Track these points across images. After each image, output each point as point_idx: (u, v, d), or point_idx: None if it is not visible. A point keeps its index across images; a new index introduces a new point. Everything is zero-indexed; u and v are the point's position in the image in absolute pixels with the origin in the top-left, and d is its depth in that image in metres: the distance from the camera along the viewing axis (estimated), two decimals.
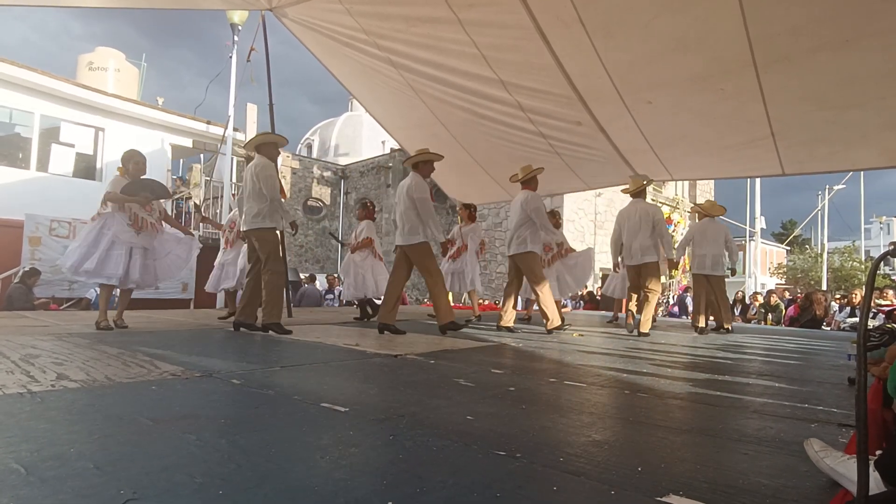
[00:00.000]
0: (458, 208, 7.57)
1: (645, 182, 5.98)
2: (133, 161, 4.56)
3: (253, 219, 4.37)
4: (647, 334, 5.33)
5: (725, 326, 6.43)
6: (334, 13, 5.49)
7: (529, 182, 5.44)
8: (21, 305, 7.47)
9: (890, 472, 1.11)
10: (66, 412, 1.76)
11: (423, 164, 4.91)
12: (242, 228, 4.59)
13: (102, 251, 4.29)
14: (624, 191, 6.15)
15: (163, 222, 4.80)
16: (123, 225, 4.39)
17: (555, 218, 7.00)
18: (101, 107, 11.43)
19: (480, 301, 7.73)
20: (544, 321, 5.16)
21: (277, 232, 4.57)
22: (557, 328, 5.16)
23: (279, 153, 4.79)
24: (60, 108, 10.99)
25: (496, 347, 4.03)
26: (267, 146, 4.54)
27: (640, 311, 5.61)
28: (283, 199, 4.56)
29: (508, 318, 5.40)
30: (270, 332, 4.30)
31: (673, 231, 18.84)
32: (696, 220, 6.88)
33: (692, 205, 15.02)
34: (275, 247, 4.44)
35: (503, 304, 5.59)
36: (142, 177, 4.63)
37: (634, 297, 5.91)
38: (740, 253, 24.72)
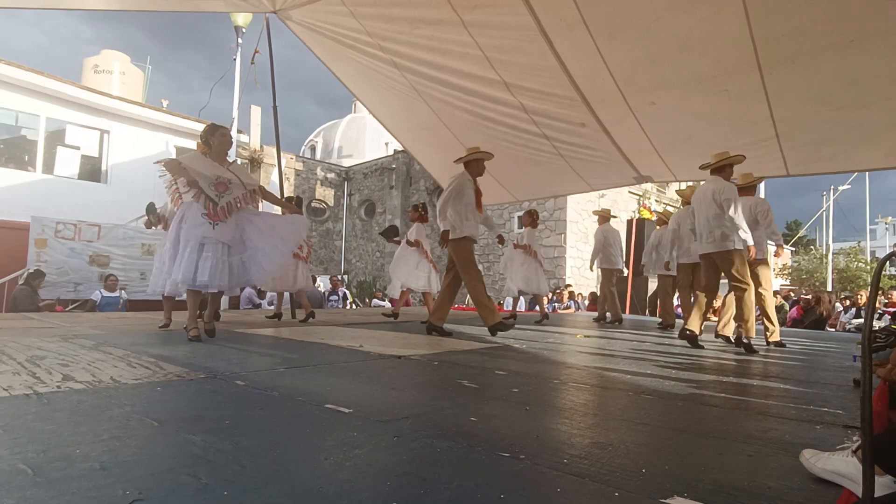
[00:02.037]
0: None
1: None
2: (219, 134, 3.82)
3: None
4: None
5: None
6: (338, 15, 5.51)
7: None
8: (26, 307, 7.51)
9: (886, 458, 1.11)
10: (71, 413, 1.77)
11: (475, 162, 4.90)
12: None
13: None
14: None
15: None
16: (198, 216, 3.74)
17: (531, 217, 6.99)
18: (106, 109, 11.51)
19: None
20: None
21: (471, 242, 4.76)
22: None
23: (483, 168, 5.02)
24: (66, 110, 11.06)
25: (499, 349, 4.02)
26: (478, 160, 4.89)
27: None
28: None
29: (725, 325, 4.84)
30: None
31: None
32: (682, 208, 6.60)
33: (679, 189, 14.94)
34: (467, 256, 4.67)
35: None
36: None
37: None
38: None
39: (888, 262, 1.12)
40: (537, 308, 7.95)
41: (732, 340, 4.77)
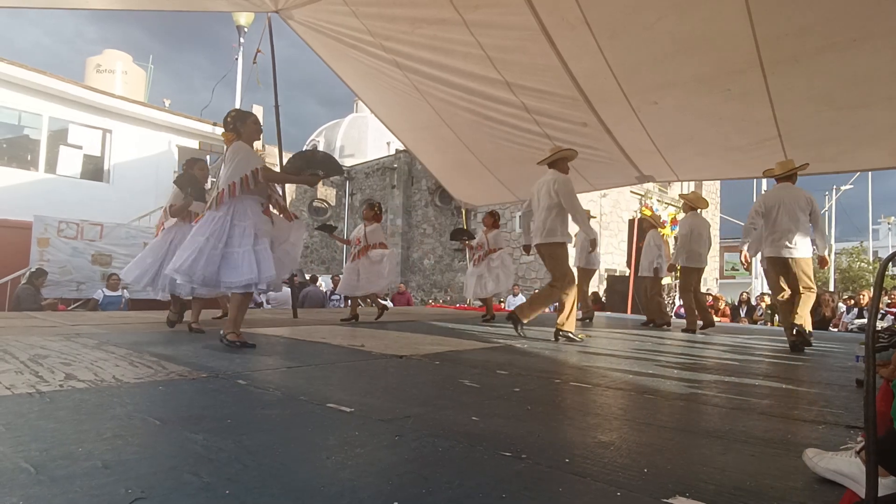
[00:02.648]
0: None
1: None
2: (252, 120, 3.62)
3: (546, 234, 4.55)
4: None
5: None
6: (340, 15, 5.51)
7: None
8: (29, 306, 7.52)
9: (889, 459, 1.10)
10: (74, 412, 1.77)
11: (561, 161, 4.79)
12: (535, 242, 4.68)
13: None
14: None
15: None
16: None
17: (493, 218, 6.91)
18: (108, 109, 11.52)
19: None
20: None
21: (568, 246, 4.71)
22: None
23: (567, 168, 4.89)
24: (68, 110, 11.08)
25: (501, 348, 4.02)
26: (562, 161, 4.74)
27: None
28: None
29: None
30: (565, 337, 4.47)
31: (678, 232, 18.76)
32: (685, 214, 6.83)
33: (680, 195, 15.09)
34: (562, 261, 4.62)
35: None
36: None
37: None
38: None
39: (891, 263, 1.11)
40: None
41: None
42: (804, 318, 4.51)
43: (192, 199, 4.39)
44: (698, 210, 6.67)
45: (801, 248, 4.61)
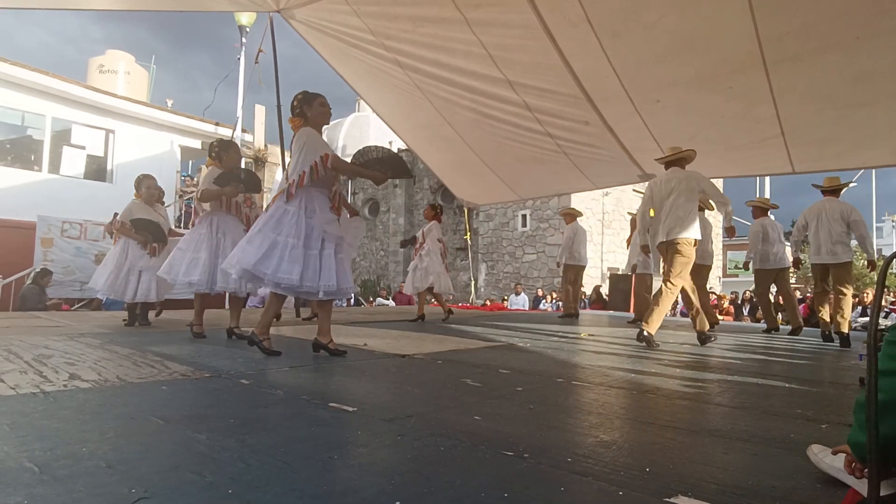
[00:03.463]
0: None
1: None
2: (319, 102, 3.36)
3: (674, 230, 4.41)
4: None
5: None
6: (341, 14, 5.51)
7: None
8: (33, 306, 7.56)
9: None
10: (78, 412, 1.78)
11: (682, 160, 4.76)
12: (661, 239, 4.52)
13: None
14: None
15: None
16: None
17: (434, 211, 6.65)
18: (111, 109, 11.56)
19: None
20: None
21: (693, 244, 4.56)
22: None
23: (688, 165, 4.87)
24: (72, 110, 11.11)
25: (503, 348, 4.02)
26: (683, 162, 4.76)
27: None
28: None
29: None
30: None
31: None
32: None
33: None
34: (690, 260, 4.46)
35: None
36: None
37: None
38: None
39: (894, 261, 1.11)
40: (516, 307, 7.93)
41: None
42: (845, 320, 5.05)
43: (242, 189, 4.01)
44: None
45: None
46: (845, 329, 5.01)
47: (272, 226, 3.00)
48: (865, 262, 5.57)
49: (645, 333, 4.20)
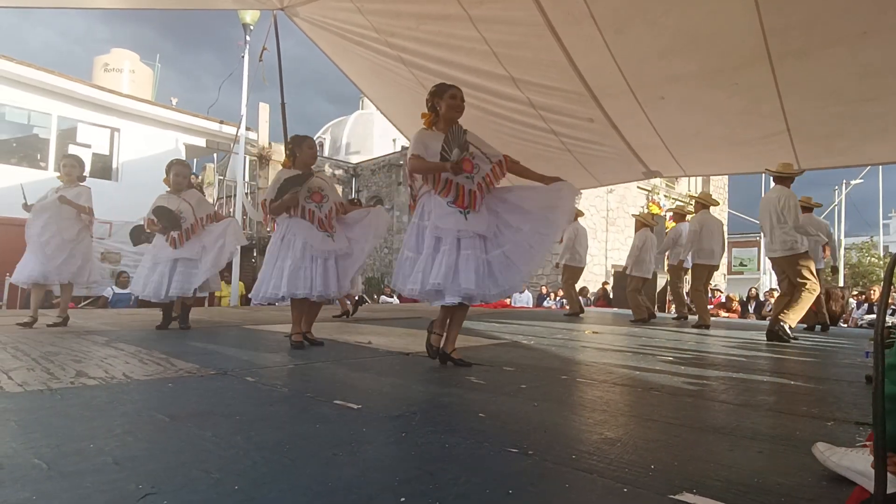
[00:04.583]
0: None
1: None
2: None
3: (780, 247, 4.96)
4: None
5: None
6: (345, 12, 5.51)
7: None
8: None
9: None
10: (85, 409, 1.79)
11: (789, 179, 5.14)
12: (771, 256, 5.14)
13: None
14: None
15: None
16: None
17: (354, 206, 6.62)
18: (116, 107, 11.60)
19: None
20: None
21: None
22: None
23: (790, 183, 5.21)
24: (77, 109, 11.16)
25: (508, 345, 4.02)
26: (789, 180, 5.15)
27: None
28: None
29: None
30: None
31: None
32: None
33: (691, 196, 15.06)
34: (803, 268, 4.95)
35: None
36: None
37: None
38: (754, 249, 24.43)
39: None
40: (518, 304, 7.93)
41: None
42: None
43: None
44: (709, 208, 6.71)
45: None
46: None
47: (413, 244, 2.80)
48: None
49: (785, 327, 4.85)
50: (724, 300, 11.88)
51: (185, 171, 4.88)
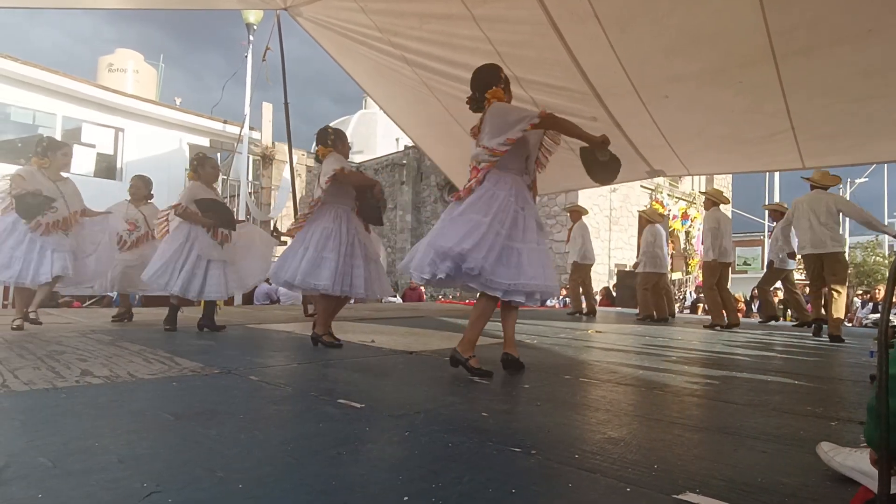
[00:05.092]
0: None
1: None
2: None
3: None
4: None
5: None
6: (348, 11, 5.51)
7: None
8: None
9: None
10: (90, 407, 1.80)
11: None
12: (822, 251, 5.39)
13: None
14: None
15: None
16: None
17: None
18: (120, 107, 11.65)
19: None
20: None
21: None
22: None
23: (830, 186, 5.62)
24: (82, 109, 11.21)
25: None
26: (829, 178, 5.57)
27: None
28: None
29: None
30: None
31: (689, 226, 18.60)
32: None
33: (701, 192, 14.95)
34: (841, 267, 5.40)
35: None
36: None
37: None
38: (758, 248, 24.35)
39: None
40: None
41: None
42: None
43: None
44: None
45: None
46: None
47: (476, 209, 2.59)
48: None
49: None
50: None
51: (216, 162, 4.73)
